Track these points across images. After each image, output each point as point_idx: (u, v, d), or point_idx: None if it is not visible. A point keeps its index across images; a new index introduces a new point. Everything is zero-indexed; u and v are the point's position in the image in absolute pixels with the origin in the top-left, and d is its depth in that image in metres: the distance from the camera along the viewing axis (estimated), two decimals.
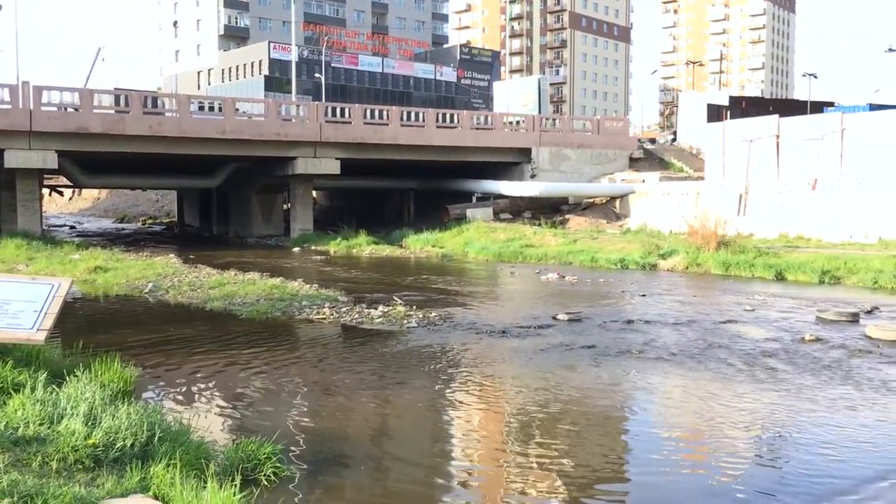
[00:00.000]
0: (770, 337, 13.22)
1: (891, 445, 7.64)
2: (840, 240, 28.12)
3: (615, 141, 44.39)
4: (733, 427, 8.41)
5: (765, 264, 22.85)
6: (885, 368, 10.84)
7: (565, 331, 13.90)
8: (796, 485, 6.69)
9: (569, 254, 28.40)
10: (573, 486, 6.69)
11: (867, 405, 9.07)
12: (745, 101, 47.31)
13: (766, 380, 10.30)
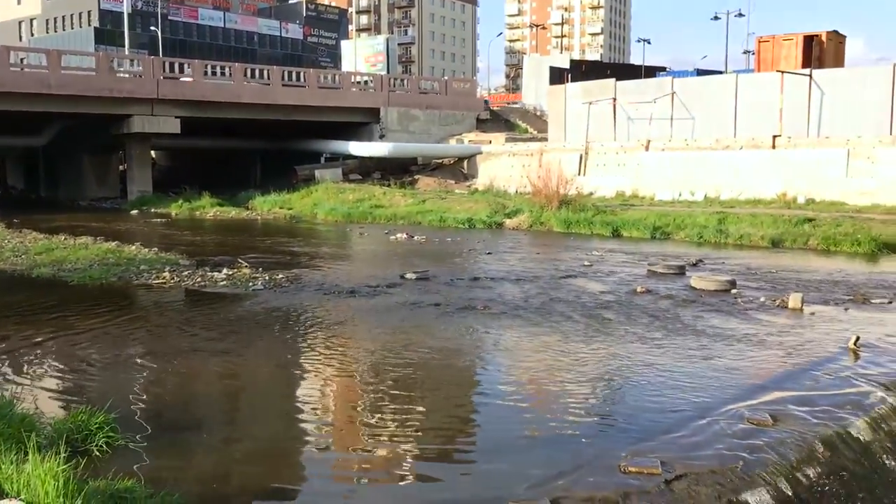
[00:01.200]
0: (606, 290, 13.91)
1: (710, 385, 8.25)
2: (670, 198, 29.91)
3: (463, 102, 44.91)
4: (573, 375, 8.80)
5: (603, 222, 23.97)
6: (706, 316, 11.67)
7: (413, 289, 14.04)
8: (629, 425, 7.10)
9: (418, 214, 28.65)
10: (424, 444, 6.80)
11: (691, 350, 9.74)
12: (585, 64, 49.05)
13: (602, 330, 10.84)
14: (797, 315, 11.74)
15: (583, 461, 6.12)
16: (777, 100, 29.89)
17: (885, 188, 25.77)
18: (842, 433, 6.82)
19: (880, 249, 18.84)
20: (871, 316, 11.62)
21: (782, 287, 13.91)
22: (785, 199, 27.55)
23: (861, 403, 7.59)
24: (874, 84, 28.31)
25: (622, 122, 34.36)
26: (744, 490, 5.62)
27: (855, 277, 15.29)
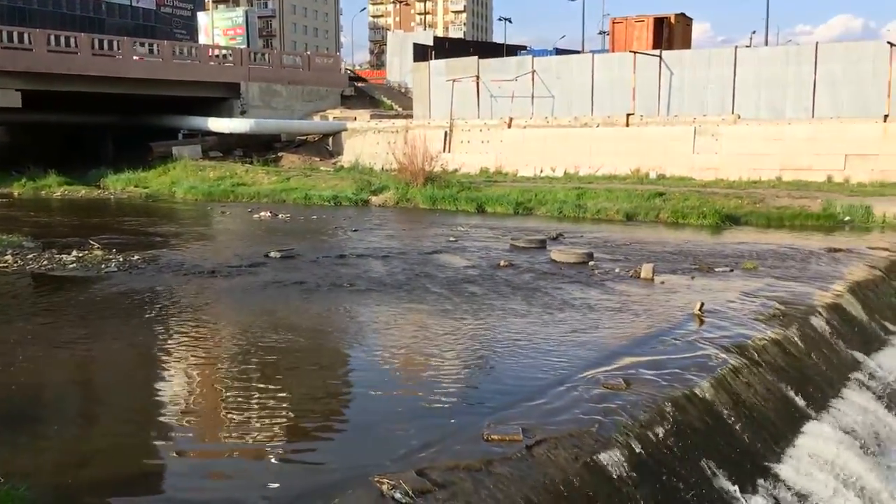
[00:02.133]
0: (471, 265, 14.16)
1: (569, 354, 8.58)
2: (532, 174, 30.70)
3: (327, 78, 44.22)
4: (440, 349, 8.93)
5: (467, 198, 24.34)
6: (566, 287, 12.11)
7: (278, 268, 13.80)
8: (493, 395, 7.28)
9: (282, 191, 28.12)
10: (291, 424, 6.73)
11: (551, 320, 10.09)
12: (449, 42, 49.37)
13: (467, 304, 11.04)
14: (649, 284, 12.37)
15: (448, 432, 6.23)
16: (630, 79, 31.18)
17: (727, 164, 27.48)
18: (688, 394, 7.27)
19: (723, 221, 20.11)
20: (715, 284, 12.39)
21: (635, 258, 14.60)
22: (638, 174, 28.88)
23: (705, 365, 8.10)
24: (718, 65, 29.99)
25: (486, 100, 34.87)
26: (599, 451, 5.90)
27: (701, 248, 16.26)
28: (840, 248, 15.70)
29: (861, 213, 19.74)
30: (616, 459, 5.90)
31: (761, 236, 18.22)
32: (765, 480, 6.76)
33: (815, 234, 18.42)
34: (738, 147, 27.61)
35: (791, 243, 16.83)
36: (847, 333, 10.78)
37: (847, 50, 28.65)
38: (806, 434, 7.70)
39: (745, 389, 7.96)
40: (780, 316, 10.24)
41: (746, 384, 8.05)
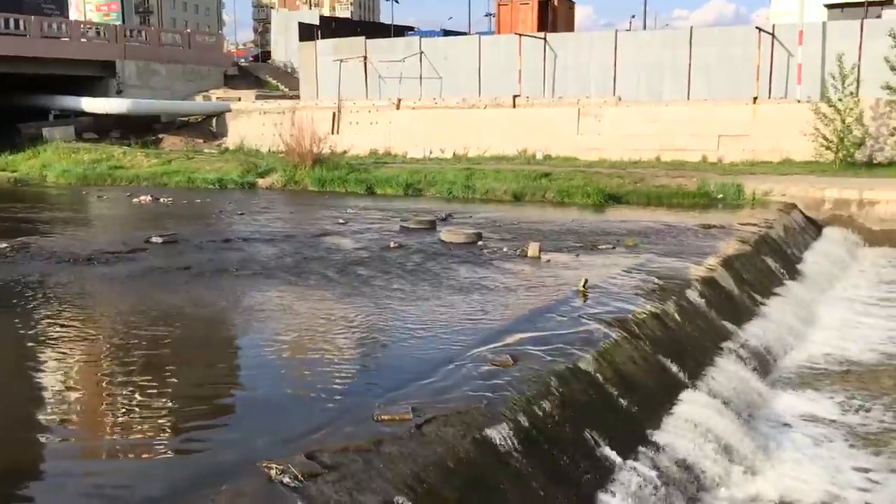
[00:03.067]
0: (360, 246, 14.10)
1: (458, 332, 8.68)
2: (422, 155, 30.78)
3: (208, 57, 42.87)
4: (330, 332, 8.87)
5: (357, 180, 24.18)
6: (455, 267, 12.23)
7: (160, 254, 13.33)
8: (384, 376, 7.30)
9: (163, 175, 27.15)
10: (178, 415, 6.54)
11: (441, 300, 10.18)
12: (336, 21, 48.66)
13: (357, 286, 11.00)
14: (535, 262, 12.65)
15: (338, 414, 6.21)
16: (516, 61, 31.64)
17: (610, 145, 28.34)
18: (572, 367, 7.49)
19: (606, 200, 20.75)
20: (598, 261, 12.79)
21: (523, 237, 14.89)
22: (525, 155, 29.41)
23: (589, 339, 8.36)
24: (600, 48, 30.87)
25: (374, 81, 34.68)
26: (487, 426, 6.01)
27: (585, 226, 16.75)
28: (713, 225, 16.48)
29: (733, 191, 20.75)
30: (503, 434, 6.02)
31: (642, 214, 18.92)
32: (645, 447, 7.05)
33: (692, 212, 19.25)
34: (619, 128, 28.50)
35: (669, 220, 17.55)
36: (720, 305, 11.35)
37: (719, 35, 30.07)
38: (682, 402, 8.07)
39: (626, 361, 8.27)
40: (659, 290, 10.68)
41: (627, 356, 8.36)
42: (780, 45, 28.02)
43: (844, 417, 9.08)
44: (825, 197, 20.25)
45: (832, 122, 24.34)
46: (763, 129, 26.55)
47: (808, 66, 27.23)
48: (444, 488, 5.33)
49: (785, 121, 25.96)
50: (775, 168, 25.12)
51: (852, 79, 24.71)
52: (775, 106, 27.05)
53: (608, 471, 6.53)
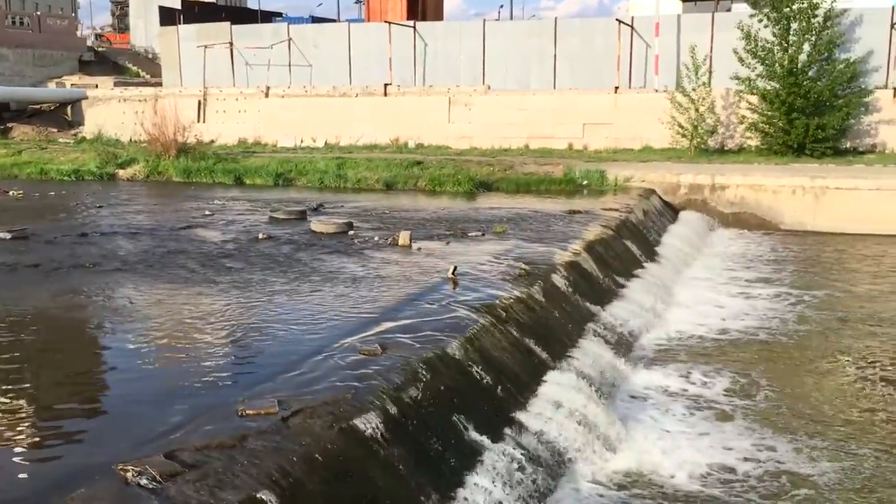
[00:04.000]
0: (227, 239, 13.73)
1: (328, 323, 8.62)
2: (293, 144, 30.27)
3: (61, 41, 40.54)
4: (193, 327, 8.61)
5: (224, 170, 23.52)
6: (325, 258, 12.12)
7: (8, 250, 12.52)
8: (250, 370, 7.16)
9: (13, 166, 25.53)
10: (35, 418, 6.19)
11: (311, 291, 10.07)
12: (199, 6, 46.91)
13: (223, 279, 10.71)
14: (406, 251, 12.71)
15: (201, 411, 6.04)
16: (387, 49, 31.56)
17: (480, 133, 28.78)
18: (440, 354, 7.59)
19: (477, 188, 21.07)
20: (468, 248, 12.99)
21: (394, 226, 14.92)
22: (398, 143, 29.46)
23: (458, 326, 8.50)
24: (469, 37, 31.21)
25: (241, 68, 33.77)
26: (355, 416, 6.01)
27: (456, 214, 16.95)
28: (578, 210, 17.05)
29: (597, 177, 21.53)
30: (371, 423, 6.04)
31: (511, 201, 19.33)
32: (511, 429, 7.25)
33: (558, 198, 19.85)
34: (489, 117, 28.97)
35: (537, 207, 18.03)
36: (584, 288, 11.78)
37: (582, 26, 31.01)
38: (547, 383, 8.34)
39: (494, 346, 8.46)
40: (526, 275, 10.97)
41: (495, 341, 8.56)
42: (639, 37, 29.21)
43: (697, 389, 9.64)
44: (681, 182, 21.34)
45: (687, 111, 25.63)
46: (624, 118, 27.65)
47: (665, 57, 28.52)
48: (310, 480, 5.30)
49: (644, 109, 27.12)
50: (636, 155, 26.23)
51: (705, 69, 26.07)
52: (635, 95, 28.21)
53: (476, 453, 6.67)
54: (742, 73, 25.46)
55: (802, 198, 20.26)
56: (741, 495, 7.16)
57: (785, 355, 11.13)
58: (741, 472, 7.54)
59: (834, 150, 24.87)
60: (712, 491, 7.24)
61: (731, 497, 7.14)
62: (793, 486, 7.30)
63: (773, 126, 25.34)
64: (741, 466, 7.65)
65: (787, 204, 20.39)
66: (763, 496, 7.16)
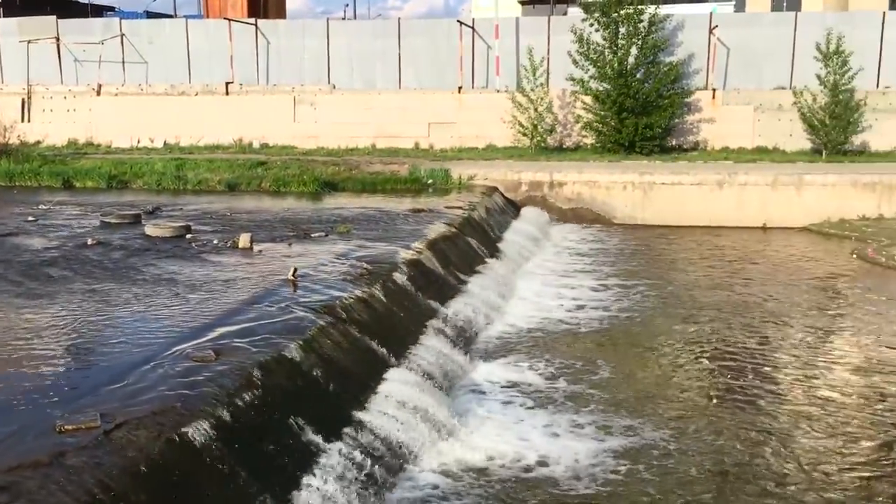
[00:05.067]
0: (53, 246, 12.95)
1: (160, 331, 8.32)
2: (129, 145, 28.90)
3: None
4: (11, 342, 8.06)
5: (52, 172, 22.15)
6: (160, 263, 11.68)
7: None
8: (73, 384, 6.78)
9: None
10: None
11: (143, 298, 9.67)
12: None
13: (46, 289, 10.11)
14: (247, 253, 12.47)
15: (15, 430, 5.70)
16: (227, 47, 30.71)
17: (326, 133, 28.59)
18: (277, 357, 7.52)
19: (323, 188, 20.92)
20: (311, 249, 12.90)
21: (235, 228, 14.58)
22: (241, 144, 28.75)
23: (296, 328, 8.45)
24: (312, 36, 30.86)
25: (70, 65, 31.83)
26: (184, 425, 5.86)
27: (300, 215, 16.78)
28: (423, 209, 17.31)
29: (441, 176, 21.90)
30: (202, 431, 5.91)
31: (357, 201, 19.34)
32: (350, 428, 7.29)
33: (404, 197, 20.05)
34: (335, 116, 28.82)
35: (382, 206, 18.13)
36: (426, 286, 11.98)
37: (426, 26, 31.37)
38: (388, 380, 8.44)
39: (333, 347, 8.47)
40: (367, 275, 11.03)
41: (334, 342, 8.57)
42: (481, 39, 29.90)
43: (533, 378, 10.04)
44: (522, 180, 22.09)
45: (527, 111, 26.52)
46: (468, 118, 28.27)
47: (506, 58, 29.35)
48: (136, 494, 5.13)
49: (487, 109, 27.83)
50: (480, 153, 26.89)
51: (542, 71, 27.06)
52: (478, 95, 28.89)
53: (313, 455, 6.67)
54: (576, 75, 26.62)
55: (633, 193, 21.48)
56: (574, 479, 7.53)
57: (617, 342, 11.80)
58: (574, 457, 7.92)
59: (661, 148, 26.48)
60: (549, 476, 7.57)
61: (565, 481, 7.50)
62: (620, 467, 7.75)
63: (605, 125, 26.66)
64: (573, 450, 8.04)
65: (619, 199, 21.56)
66: (596, 478, 7.56)
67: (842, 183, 20.89)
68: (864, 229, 19.66)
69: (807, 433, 8.63)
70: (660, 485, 7.42)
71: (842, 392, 9.93)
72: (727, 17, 30.26)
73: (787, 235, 20.20)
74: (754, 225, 20.96)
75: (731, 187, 21.19)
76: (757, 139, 27.35)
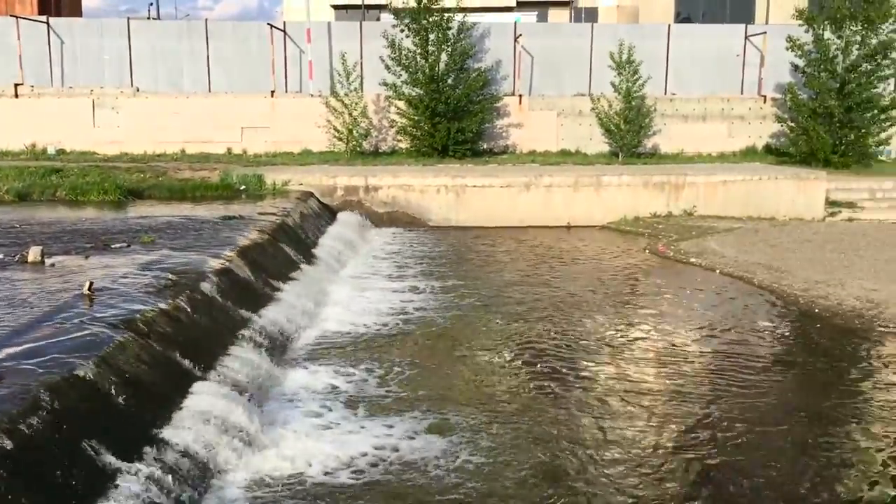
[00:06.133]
0: None
1: None
2: None
3: None
4: None
5: None
6: None
7: None
8: None
9: None
10: None
11: None
12: None
13: None
14: (38, 268, 11.60)
15: None
16: (16, 46, 28.48)
17: (131, 138, 27.26)
18: (69, 377, 7.06)
19: (126, 196, 19.85)
20: (111, 261, 12.20)
21: (25, 242, 13.54)
22: (35, 150, 26.82)
23: (92, 345, 7.96)
24: (112, 35, 29.27)
25: None
26: None
27: (101, 225, 15.84)
28: (234, 216, 16.86)
29: (255, 181, 21.45)
30: None
31: (164, 209, 18.50)
32: (151, 447, 6.98)
33: (215, 204, 19.42)
34: (140, 120, 27.52)
35: (192, 214, 17.48)
36: (237, 295, 11.67)
37: (235, 29, 30.62)
38: (194, 394, 8.15)
39: (133, 363, 8.06)
40: (172, 286, 10.59)
41: (134, 358, 8.16)
42: (293, 42, 29.56)
43: (347, 385, 10.07)
44: (338, 184, 22.07)
45: (342, 116, 26.57)
46: (283, 122, 27.90)
47: (319, 62, 29.20)
48: None
49: (302, 114, 27.59)
50: (296, 158, 26.61)
51: (356, 75, 27.19)
52: (292, 100, 28.56)
53: (110, 478, 6.32)
54: (390, 80, 26.95)
55: (446, 196, 22.04)
56: (384, 481, 7.63)
57: (435, 343, 12.04)
58: (385, 458, 8.02)
59: (473, 152, 27.37)
60: (360, 480, 7.61)
61: (375, 484, 7.57)
62: (432, 467, 7.93)
63: (419, 129, 27.19)
64: (384, 453, 8.13)
65: (434, 202, 22.05)
66: (405, 479, 7.69)
67: (635, 183, 22.50)
68: (656, 226, 21.30)
69: (615, 420, 9.21)
70: (471, 481, 7.66)
71: (647, 376, 10.69)
72: (530, 27, 31.76)
73: (590, 233, 21.50)
74: (560, 224, 22.13)
75: (538, 189, 22.24)
76: (561, 143, 28.91)
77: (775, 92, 29.83)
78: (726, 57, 30.48)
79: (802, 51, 27.32)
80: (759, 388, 10.28)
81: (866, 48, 26.50)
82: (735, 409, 9.47)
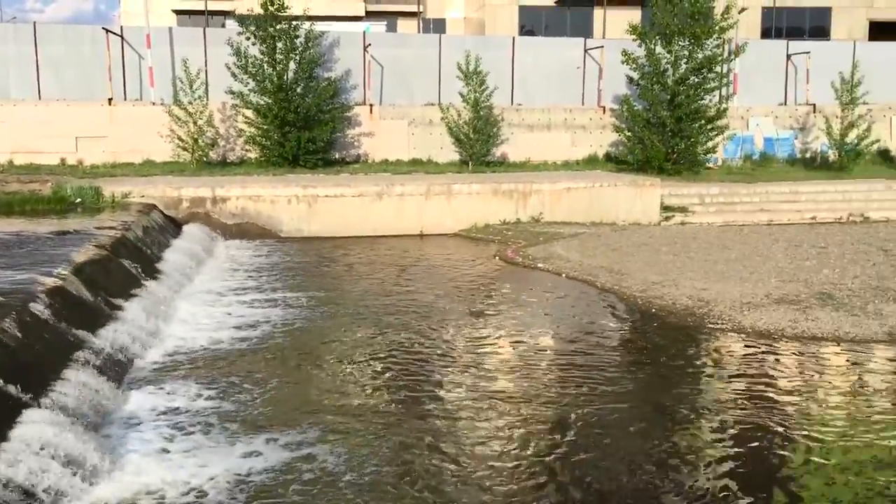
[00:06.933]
0: None
1: None
2: None
3: None
4: None
5: None
6: None
7: None
8: None
9: None
10: None
11: None
12: None
13: None
14: None
15: None
16: None
17: None
18: None
19: None
20: None
21: None
22: None
23: None
24: None
25: None
26: None
27: None
28: (69, 231, 15.92)
29: (91, 194, 20.32)
30: None
31: None
32: None
33: (47, 218, 18.27)
34: None
35: (19, 229, 16.34)
36: (71, 315, 10.98)
37: (67, 33, 28.96)
38: (23, 423, 7.59)
39: None
40: None
41: None
42: (131, 48, 28.27)
43: (194, 404, 9.69)
44: (182, 196, 21.27)
45: (186, 125, 25.65)
46: (122, 131, 26.63)
47: (161, 69, 28.07)
48: None
49: (142, 122, 26.44)
50: (137, 169, 25.45)
51: (200, 83, 26.31)
52: (132, 108, 27.30)
53: None
54: (236, 88, 26.30)
55: (298, 206, 21.73)
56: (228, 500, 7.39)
57: (286, 356, 11.77)
58: (229, 479, 7.76)
59: (325, 161, 27.15)
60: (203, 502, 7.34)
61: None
62: (279, 485, 7.76)
63: (269, 139, 26.69)
64: (229, 474, 7.88)
65: (285, 212, 21.69)
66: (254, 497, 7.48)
67: (485, 192, 23.04)
68: (505, 232, 21.89)
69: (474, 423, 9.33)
70: (318, 495, 7.55)
71: (501, 380, 10.91)
72: (380, 37, 31.90)
73: (442, 241, 21.81)
74: (413, 233, 22.31)
75: (391, 198, 22.34)
76: (412, 152, 29.19)
77: (613, 103, 31.41)
78: (568, 69, 31.81)
79: (636, 64, 28.92)
80: (605, 386, 10.74)
81: (693, 62, 28.42)
82: (585, 408, 9.83)
